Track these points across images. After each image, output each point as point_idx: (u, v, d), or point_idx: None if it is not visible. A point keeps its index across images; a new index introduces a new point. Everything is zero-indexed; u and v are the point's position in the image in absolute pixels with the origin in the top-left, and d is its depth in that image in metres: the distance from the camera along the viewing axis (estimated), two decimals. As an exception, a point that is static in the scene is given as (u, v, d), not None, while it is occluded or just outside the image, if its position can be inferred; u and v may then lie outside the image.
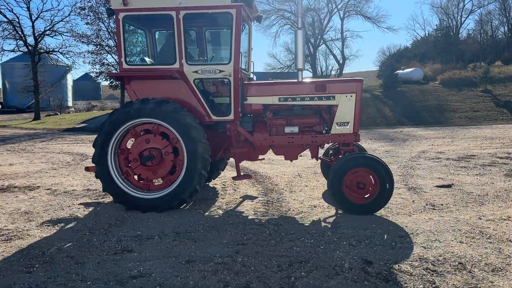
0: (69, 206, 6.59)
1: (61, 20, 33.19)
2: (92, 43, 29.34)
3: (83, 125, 27.74)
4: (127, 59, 6.54)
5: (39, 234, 5.24)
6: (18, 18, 32.39)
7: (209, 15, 6.47)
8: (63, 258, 4.45)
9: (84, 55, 30.99)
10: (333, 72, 42.46)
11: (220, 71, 6.27)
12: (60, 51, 34.19)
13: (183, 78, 6.31)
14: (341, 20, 46.69)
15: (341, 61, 46.96)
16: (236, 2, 6.03)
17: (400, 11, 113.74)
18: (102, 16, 28.41)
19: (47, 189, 7.80)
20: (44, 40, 33.97)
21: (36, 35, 32.84)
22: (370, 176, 5.86)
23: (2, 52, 32.66)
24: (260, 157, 7.19)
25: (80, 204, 6.72)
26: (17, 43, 32.95)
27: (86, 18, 28.91)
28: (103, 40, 29.34)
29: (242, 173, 7.11)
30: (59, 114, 39.33)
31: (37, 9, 35.53)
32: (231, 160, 8.41)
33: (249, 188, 7.79)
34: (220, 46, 7.81)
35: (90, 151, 12.81)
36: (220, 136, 6.87)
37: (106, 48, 29.41)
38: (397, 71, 33.41)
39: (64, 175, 9.27)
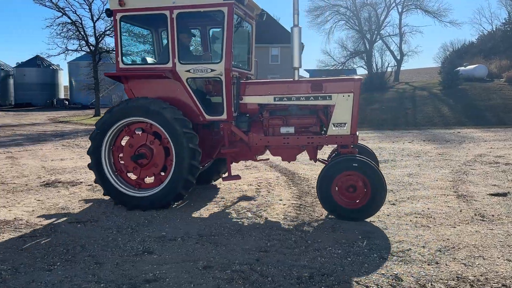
0: (106, 203, 6.71)
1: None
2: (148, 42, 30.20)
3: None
4: (124, 59, 6.59)
5: (69, 231, 5.34)
6: (80, 19, 34.10)
7: (202, 13, 6.36)
8: (84, 257, 4.47)
9: (141, 54, 31.96)
10: (389, 69, 40.81)
11: (212, 70, 6.17)
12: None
13: (176, 77, 6.28)
14: (399, 15, 44.76)
15: (398, 58, 45.09)
16: (228, 0, 5.92)
17: (464, 5, 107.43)
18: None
19: (89, 185, 8.02)
20: (104, 40, 35.48)
21: (97, 35, 34.49)
22: (361, 181, 5.56)
23: (66, 52, 34.63)
24: (263, 157, 7.05)
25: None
26: (79, 43, 34.78)
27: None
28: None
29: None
30: (117, 111, 41.11)
31: (98, 10, 37.23)
32: (272, 159, 8.23)
33: (284, 190, 7.55)
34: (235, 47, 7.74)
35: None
36: (216, 135, 6.77)
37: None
38: (458, 68, 31.47)
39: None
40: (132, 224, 5.59)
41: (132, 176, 6.57)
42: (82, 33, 34.05)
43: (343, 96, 6.04)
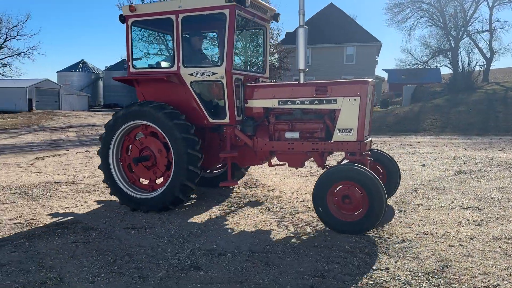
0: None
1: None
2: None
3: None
4: (134, 63, 6.73)
5: (122, 237, 5.22)
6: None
7: (206, 17, 6.20)
8: (130, 269, 4.27)
9: (214, 57, 32.59)
10: (477, 68, 37.47)
11: (213, 74, 6.08)
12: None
13: (181, 81, 6.31)
14: (489, 10, 40.95)
15: (488, 56, 41.26)
16: (230, 2, 5.82)
17: None
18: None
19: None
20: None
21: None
22: (358, 191, 5.14)
23: (147, 56, 36.40)
24: (276, 162, 6.66)
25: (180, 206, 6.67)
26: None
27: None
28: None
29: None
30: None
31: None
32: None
33: (350, 202, 6.89)
34: (242, 48, 7.68)
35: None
36: (224, 139, 6.57)
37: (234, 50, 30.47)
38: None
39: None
40: (184, 233, 5.35)
41: (142, 180, 6.76)
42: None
43: (349, 100, 5.66)
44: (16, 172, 9.77)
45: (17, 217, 6.13)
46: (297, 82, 6.12)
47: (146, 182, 6.73)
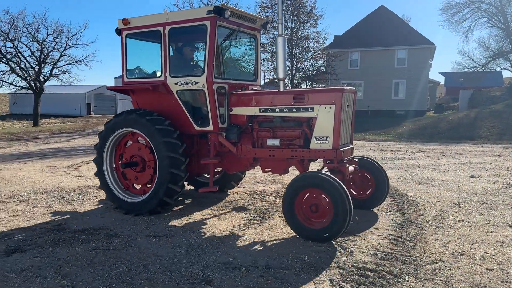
0: (188, 217, 6.54)
1: (244, 31, 35.84)
2: (268, 51, 30.70)
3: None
4: (128, 73, 7.10)
5: (142, 245, 5.20)
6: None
7: (190, 28, 6.44)
8: (141, 280, 4.22)
9: (261, 62, 32.68)
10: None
11: (196, 83, 6.33)
12: (243, 60, 37.02)
13: (168, 90, 6.57)
14: (557, 8, 37.92)
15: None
16: (210, 14, 6.05)
17: None
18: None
19: (190, 198, 7.94)
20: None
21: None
22: (325, 199, 5.16)
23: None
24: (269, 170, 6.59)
25: (205, 215, 6.61)
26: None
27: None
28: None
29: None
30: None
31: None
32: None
33: (383, 215, 6.49)
34: (240, 59, 7.96)
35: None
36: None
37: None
38: None
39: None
40: (203, 244, 5.25)
41: (136, 184, 7.03)
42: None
43: (325, 108, 5.73)
44: (59, 176, 10.19)
45: (49, 221, 6.33)
46: (277, 90, 6.23)
47: (138, 187, 7.02)
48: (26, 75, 36.03)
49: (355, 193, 6.76)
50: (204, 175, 7.97)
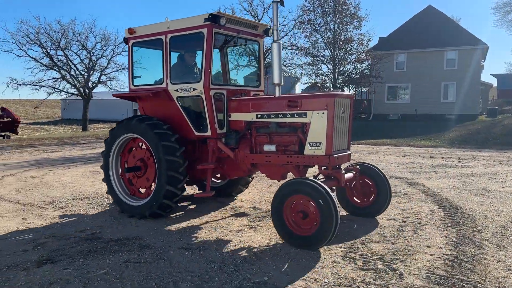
0: (226, 227, 6.25)
1: (285, 35, 35.54)
2: (309, 54, 30.23)
3: (297, 133, 28.85)
4: (134, 80, 7.35)
5: (174, 259, 4.94)
6: (250, 36, 36.34)
7: (189, 36, 6.56)
8: (169, 298, 3.95)
9: (302, 66, 32.25)
10: None
11: (194, 89, 6.44)
12: (284, 64, 36.75)
13: (169, 96, 6.73)
14: None
15: None
16: (206, 21, 6.18)
17: None
18: (319, 28, 28.97)
19: (232, 208, 7.61)
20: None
21: (264, 50, 36.13)
22: (312, 205, 5.09)
23: (238, 68, 37.25)
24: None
25: (240, 226, 6.30)
26: (249, 59, 37.01)
27: (305, 31, 30.06)
28: (319, 51, 29.86)
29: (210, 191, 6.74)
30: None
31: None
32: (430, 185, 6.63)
33: (436, 231, 5.89)
34: (245, 66, 8.09)
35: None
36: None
37: (321, 58, 29.82)
38: None
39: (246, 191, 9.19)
40: (238, 259, 4.92)
41: (141, 189, 7.18)
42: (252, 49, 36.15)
43: (318, 113, 5.68)
44: (100, 181, 10.21)
45: (84, 229, 6.24)
46: (273, 96, 6.25)
47: (143, 191, 7.14)
48: (75, 82, 37.57)
49: (359, 201, 6.67)
50: (213, 179, 8.10)
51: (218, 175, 7.94)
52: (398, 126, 29.34)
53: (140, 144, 7.12)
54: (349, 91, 33.31)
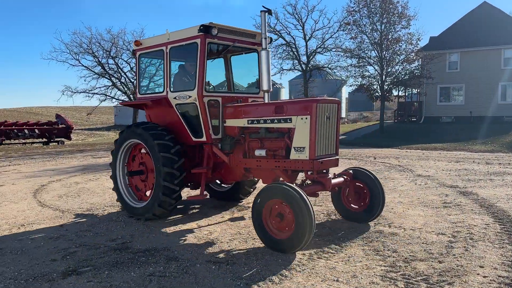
0: (255, 240, 5.93)
1: (330, 37, 34.83)
2: (355, 56, 29.37)
3: (342, 137, 28.07)
4: (141, 89, 7.85)
5: (200, 273, 4.69)
6: (294, 39, 35.88)
7: (186, 46, 6.86)
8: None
9: (347, 68, 31.39)
10: None
11: (189, 97, 6.71)
12: (328, 66, 36.01)
13: (169, 103, 7.06)
14: None
15: None
16: (199, 32, 6.49)
17: None
18: (365, 28, 28.11)
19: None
20: (315, 58, 36.36)
21: (308, 53, 35.61)
22: (287, 209, 5.19)
23: (282, 72, 36.92)
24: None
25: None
26: (293, 62, 36.61)
27: (350, 33, 29.28)
28: (365, 52, 28.93)
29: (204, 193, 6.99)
30: (327, 125, 41.52)
31: (310, 29, 38.22)
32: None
33: (491, 248, 5.25)
34: (246, 72, 8.16)
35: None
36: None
37: (367, 59, 28.88)
38: None
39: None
40: (266, 275, 4.58)
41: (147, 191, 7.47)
42: (295, 52, 35.74)
43: (302, 119, 5.79)
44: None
45: (116, 238, 6.17)
46: (262, 102, 6.57)
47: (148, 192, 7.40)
48: (126, 89, 38.81)
49: (353, 205, 6.66)
50: (217, 182, 8.40)
51: (218, 181, 8.29)
52: (451, 129, 27.78)
53: (143, 150, 7.42)
54: (397, 93, 32.05)
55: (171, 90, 7.07)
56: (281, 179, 6.35)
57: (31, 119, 37.36)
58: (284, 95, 76.16)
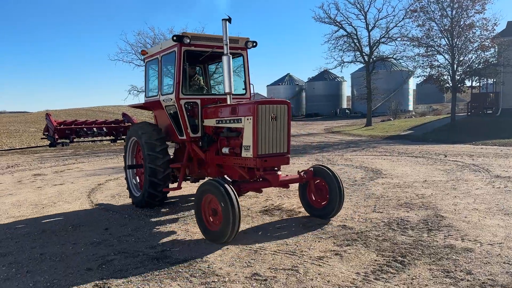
0: (307, 250, 5.32)
1: (395, 26, 32.91)
2: (423, 45, 27.38)
3: (408, 132, 26.33)
4: (148, 93, 8.70)
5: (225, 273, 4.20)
6: (356, 30, 34.37)
7: (170, 54, 7.57)
8: None
9: (415, 58, 29.40)
10: None
11: (171, 99, 7.47)
12: (394, 57, 34.08)
13: (161, 106, 7.84)
14: None
15: None
16: (175, 42, 7.22)
17: None
18: (434, 15, 26.07)
19: (318, 224, 6.77)
20: (379, 48, 34.57)
21: (371, 44, 33.92)
22: (218, 203, 5.59)
23: (342, 64, 35.58)
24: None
25: (323, 251, 5.33)
26: (355, 54, 35.11)
27: (417, 20, 27.36)
28: (433, 40, 26.85)
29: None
30: (392, 119, 39.49)
31: (373, 18, 36.37)
32: None
33: None
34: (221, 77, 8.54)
35: (386, 165, 11.31)
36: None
37: (437, 48, 26.77)
38: None
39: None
40: (312, 299, 3.97)
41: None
42: (357, 44, 34.22)
43: (247, 119, 6.19)
44: (191, 187, 10.01)
45: (156, 245, 5.85)
46: (225, 104, 6.92)
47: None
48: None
49: (316, 202, 6.89)
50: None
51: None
52: (534, 122, 24.96)
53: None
54: (471, 83, 29.49)
55: (162, 93, 7.88)
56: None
57: (102, 118, 39.26)
58: (346, 88, 74.21)
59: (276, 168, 6.39)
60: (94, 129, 29.14)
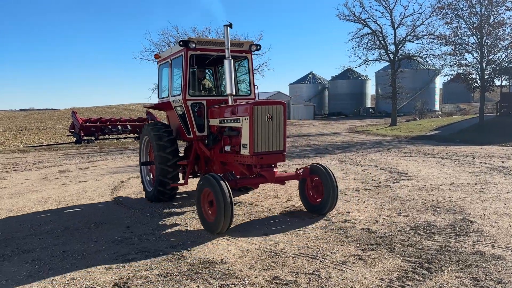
0: (329, 254, 5.20)
1: (422, 23, 32.18)
2: (450, 43, 26.66)
3: (435, 132, 25.70)
4: (161, 94, 9.08)
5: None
6: (381, 28, 33.77)
7: (179, 58, 7.97)
8: None
9: (442, 57, 28.66)
10: None
11: (179, 101, 7.90)
12: (420, 55, 33.34)
13: (172, 107, 8.26)
14: None
15: None
16: (182, 47, 7.67)
17: None
18: (462, 12, 25.33)
19: (339, 228, 6.65)
20: (404, 47, 33.83)
21: (396, 42, 33.26)
22: (213, 196, 5.97)
23: (367, 62, 35.02)
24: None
25: (346, 255, 5.20)
26: (379, 52, 34.51)
27: (445, 18, 26.65)
28: (461, 38, 26.10)
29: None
30: (417, 119, 38.68)
31: (399, 16, 35.49)
32: None
33: None
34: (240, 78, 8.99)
35: (412, 167, 11.02)
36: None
37: (465, 46, 26.00)
38: None
39: (354, 201, 7.96)
40: (334, 306, 3.85)
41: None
42: (382, 42, 33.63)
43: (245, 119, 6.56)
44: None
45: (177, 244, 5.82)
46: (230, 104, 7.23)
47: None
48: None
49: (313, 198, 7.25)
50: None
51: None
52: None
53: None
54: (500, 83, 28.55)
55: (171, 95, 8.35)
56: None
57: (126, 116, 39.86)
58: (370, 87, 73.15)
59: (273, 165, 6.72)
60: (119, 126, 29.59)
